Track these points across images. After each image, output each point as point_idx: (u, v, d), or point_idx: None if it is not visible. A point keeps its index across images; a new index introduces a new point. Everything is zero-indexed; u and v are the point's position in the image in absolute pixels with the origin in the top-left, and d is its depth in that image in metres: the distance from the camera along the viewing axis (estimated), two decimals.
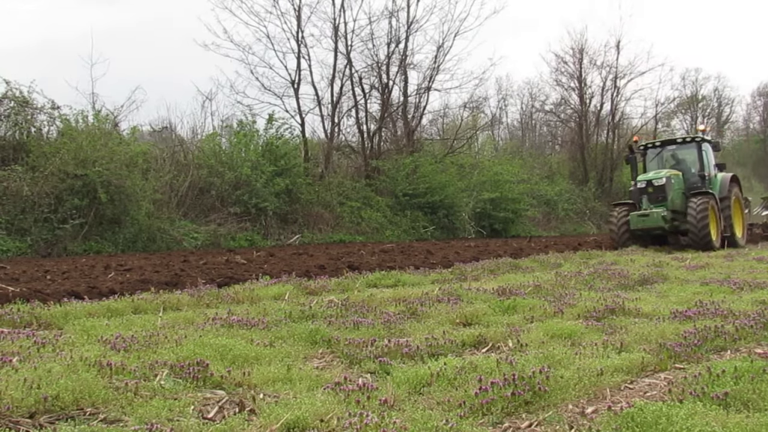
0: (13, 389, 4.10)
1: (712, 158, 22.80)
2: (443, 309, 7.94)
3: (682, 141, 22.63)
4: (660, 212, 20.21)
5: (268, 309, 8.08)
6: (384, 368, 5.17)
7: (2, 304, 8.73)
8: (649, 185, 21.05)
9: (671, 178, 20.96)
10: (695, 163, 22.18)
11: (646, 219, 20.41)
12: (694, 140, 22.30)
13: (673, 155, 22.85)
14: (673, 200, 20.84)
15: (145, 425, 3.59)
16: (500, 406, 4.05)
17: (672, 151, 22.90)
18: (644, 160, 23.23)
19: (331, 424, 3.69)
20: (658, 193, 20.82)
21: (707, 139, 22.55)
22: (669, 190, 20.79)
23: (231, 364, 5.10)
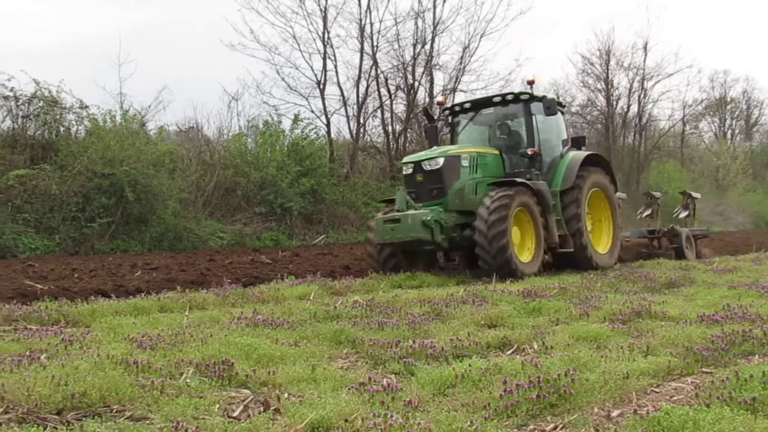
0: (41, 386, 4.14)
1: (561, 127, 15.59)
2: (468, 310, 7.93)
3: (501, 100, 14.81)
4: (424, 215, 12.62)
5: (293, 309, 8.11)
6: (408, 369, 5.17)
7: (31, 301, 8.83)
8: (417, 171, 13.56)
9: (459, 159, 13.52)
10: None
11: (396, 227, 12.82)
12: (518, 99, 14.61)
13: (500, 125, 15.15)
14: (465, 195, 13.37)
15: (170, 423, 3.60)
16: (525, 409, 4.03)
17: (492, 117, 15.33)
18: (452, 132, 16.03)
19: (355, 424, 3.69)
20: (432, 183, 13.33)
21: (537, 97, 14.73)
22: (452, 178, 13.33)
23: (256, 364, 5.12)
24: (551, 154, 14.99)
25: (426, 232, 12.61)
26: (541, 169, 14.66)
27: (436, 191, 13.31)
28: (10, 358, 5.01)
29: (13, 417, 3.83)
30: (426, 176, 13.43)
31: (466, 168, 13.58)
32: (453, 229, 13.09)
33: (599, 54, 49.52)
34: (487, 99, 15.17)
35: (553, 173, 14.69)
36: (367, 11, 33.53)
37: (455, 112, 15.64)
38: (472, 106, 15.41)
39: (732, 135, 67.84)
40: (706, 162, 61.02)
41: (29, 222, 19.77)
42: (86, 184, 21.11)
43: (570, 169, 14.56)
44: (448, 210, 13.11)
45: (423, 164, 13.50)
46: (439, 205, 13.13)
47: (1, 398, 4.10)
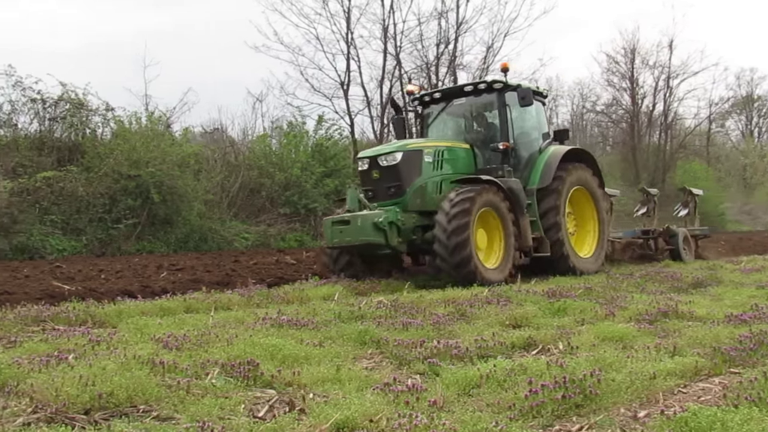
0: (69, 386, 4.18)
1: (541, 119, 14.39)
2: (492, 310, 7.91)
3: (473, 90, 13.50)
4: (375, 217, 11.47)
5: (317, 309, 8.13)
6: (433, 369, 5.16)
7: (58, 302, 8.91)
8: (373, 167, 12.31)
9: (420, 154, 12.25)
10: None
11: (345, 229, 11.69)
12: (491, 88, 13.28)
13: (473, 117, 14.19)
14: (427, 194, 12.13)
15: (196, 423, 3.62)
16: (550, 409, 4.01)
17: (465, 108, 14.06)
18: (423, 124, 14.53)
19: (380, 424, 3.69)
20: (389, 180, 12.09)
21: (511, 85, 13.31)
22: (412, 174, 12.11)
23: (281, 364, 5.13)
24: (529, 148, 13.77)
25: (378, 235, 11.48)
26: (517, 165, 13.40)
27: (393, 189, 12.07)
28: (39, 359, 5.06)
29: (42, 417, 3.87)
30: (382, 173, 12.19)
31: (429, 164, 12.34)
32: (413, 231, 11.96)
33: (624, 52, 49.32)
34: (458, 88, 13.88)
35: (530, 170, 13.47)
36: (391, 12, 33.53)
37: (425, 102, 14.27)
38: (442, 96, 14.08)
39: (759, 133, 67.18)
40: (733, 161, 60.57)
41: (57, 224, 19.94)
42: (112, 186, 21.26)
43: (548, 165, 13.31)
44: (407, 210, 11.93)
45: (379, 160, 12.23)
46: (397, 204, 11.95)
47: (30, 398, 4.15)
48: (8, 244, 18.17)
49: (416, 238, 11.96)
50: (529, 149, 13.74)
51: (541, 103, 14.43)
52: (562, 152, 13.48)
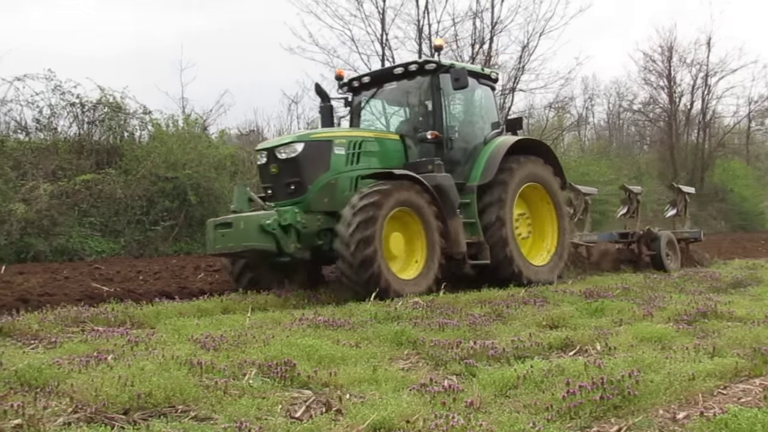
0: (109, 386, 4.23)
1: (489, 105, 12.85)
2: (529, 311, 7.88)
3: (404, 72, 11.89)
4: (263, 218, 9.85)
5: (353, 310, 8.14)
6: (470, 370, 5.15)
7: (98, 303, 9.01)
8: (271, 161, 10.68)
9: (329, 145, 10.71)
10: None
11: (227, 233, 10.07)
12: (423, 70, 11.73)
13: (408, 102, 12.60)
14: (337, 192, 10.52)
15: (234, 423, 3.64)
16: (588, 410, 3.98)
17: (397, 93, 12.48)
18: (353, 113, 12.87)
19: (417, 425, 3.69)
20: (288, 176, 10.47)
21: (445, 64, 11.72)
22: (316, 169, 10.50)
23: (317, 364, 5.15)
24: (472, 139, 12.23)
25: (266, 240, 9.77)
26: (456, 158, 11.81)
27: (293, 187, 10.40)
28: (79, 359, 5.12)
29: (81, 416, 3.92)
30: (281, 167, 10.51)
31: (341, 156, 10.73)
32: (318, 235, 10.26)
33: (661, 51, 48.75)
34: (388, 71, 12.25)
35: (472, 164, 11.86)
36: (425, 12, 33.45)
37: (354, 88, 12.64)
38: (372, 80, 12.41)
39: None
40: None
41: (95, 225, 20.14)
42: (150, 188, 21.44)
43: (492, 158, 11.71)
44: (310, 211, 10.28)
45: (277, 152, 10.54)
46: (298, 204, 10.28)
47: (70, 398, 4.20)
48: (48, 246, 18.38)
49: (323, 243, 10.22)
50: (471, 140, 12.23)
51: (489, 87, 12.81)
52: (509, 143, 11.99)
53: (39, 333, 6.90)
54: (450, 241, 10.68)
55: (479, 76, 12.47)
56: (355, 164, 10.88)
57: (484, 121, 12.65)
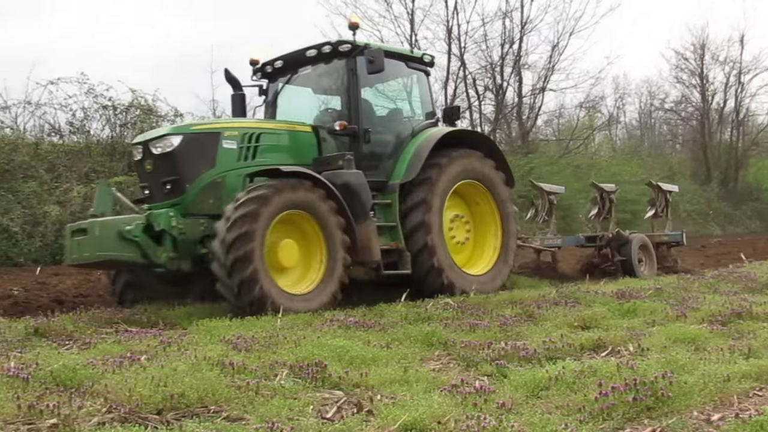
0: (142, 386, 4.27)
1: (421, 93, 11.50)
2: (560, 312, 7.84)
3: (317, 54, 10.45)
4: (122, 224, 8.49)
5: (384, 311, 8.16)
6: (501, 371, 5.13)
7: (131, 304, 9.09)
8: (147, 156, 9.27)
9: (216, 138, 9.28)
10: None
11: (82, 241, 8.57)
12: (337, 52, 10.30)
13: (324, 89, 11.36)
14: (225, 192, 9.07)
15: (266, 424, 3.66)
16: (621, 412, 3.95)
17: (311, 78, 11.06)
18: (269, 102, 11.31)
19: (448, 426, 3.68)
20: (164, 173, 9.08)
21: (358, 45, 10.24)
22: (197, 166, 9.08)
23: (348, 365, 5.15)
24: (398, 132, 10.85)
25: (127, 249, 8.35)
26: (377, 152, 10.45)
27: (169, 186, 8.98)
28: (113, 360, 5.17)
29: (116, 416, 3.95)
30: (156, 164, 9.11)
31: (232, 151, 9.28)
32: (202, 242, 8.72)
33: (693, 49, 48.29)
34: (301, 53, 10.62)
35: (396, 159, 10.47)
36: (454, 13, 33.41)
37: (268, 74, 11.17)
38: (285, 64, 10.88)
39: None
40: None
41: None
42: None
43: (418, 152, 10.31)
44: (191, 214, 8.85)
45: (151, 146, 9.11)
46: (176, 206, 8.83)
47: (104, 398, 4.24)
48: None
49: (208, 252, 8.55)
50: (397, 132, 10.84)
51: (422, 72, 11.39)
52: (439, 135, 10.58)
53: (73, 334, 6.98)
54: (359, 248, 9.18)
55: (408, 59, 11.19)
56: (250, 160, 9.41)
57: (415, 111, 11.40)
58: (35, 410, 3.87)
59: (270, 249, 8.46)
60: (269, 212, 8.30)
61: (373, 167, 10.17)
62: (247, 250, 7.99)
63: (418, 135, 10.70)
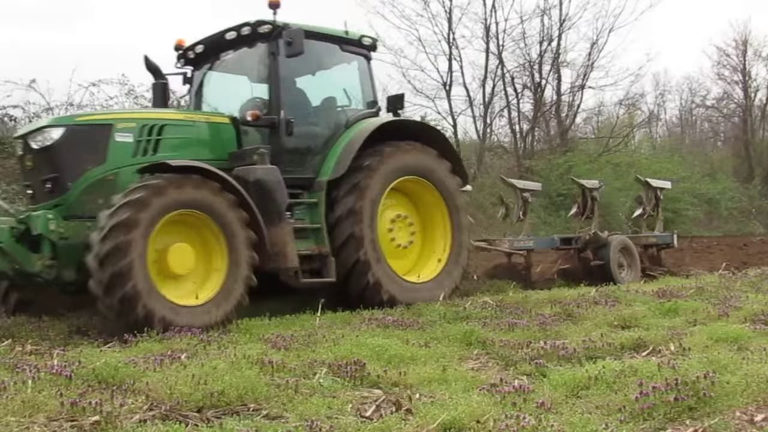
0: (183, 384, 4.31)
1: (359, 80, 10.06)
2: (600, 311, 7.78)
3: (237, 37, 9.32)
4: None
5: (422, 310, 8.15)
6: (540, 370, 5.11)
7: None
8: (27, 151, 8.29)
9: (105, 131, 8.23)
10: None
11: None
12: (258, 34, 9.15)
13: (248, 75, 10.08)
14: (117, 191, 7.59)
15: (305, 422, 3.68)
16: (662, 412, 3.92)
17: (233, 62, 9.94)
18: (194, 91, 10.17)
19: (487, 425, 3.67)
20: (43, 170, 8.09)
21: (278, 26, 9.04)
22: (82, 162, 8.02)
23: (387, 364, 5.16)
24: (329, 122, 9.65)
25: None
26: (302, 146, 9.21)
27: (50, 184, 7.99)
28: (153, 358, 5.23)
29: (157, 414, 4.00)
30: (35, 160, 8.15)
31: (127, 145, 8.19)
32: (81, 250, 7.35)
33: (735, 44, 47.56)
34: (220, 36, 9.45)
35: (326, 154, 9.23)
36: (492, 11, 33.26)
37: (191, 60, 9.98)
38: (207, 49, 9.75)
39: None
40: None
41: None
42: None
43: (349, 147, 9.06)
44: (76, 216, 7.82)
45: (30, 140, 8.14)
46: (58, 207, 7.83)
47: (145, 396, 4.29)
48: None
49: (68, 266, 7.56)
50: (329, 124, 9.62)
51: (361, 57, 10.03)
52: (372, 126, 9.26)
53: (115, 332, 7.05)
54: (272, 254, 8.08)
55: (342, 42, 9.79)
56: (150, 155, 8.25)
57: (352, 100, 9.99)
58: (78, 407, 3.92)
59: (159, 256, 7.41)
60: (149, 217, 7.16)
61: (298, 162, 9.10)
62: (124, 264, 6.90)
63: (352, 127, 9.44)
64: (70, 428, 3.80)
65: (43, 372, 4.76)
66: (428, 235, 9.86)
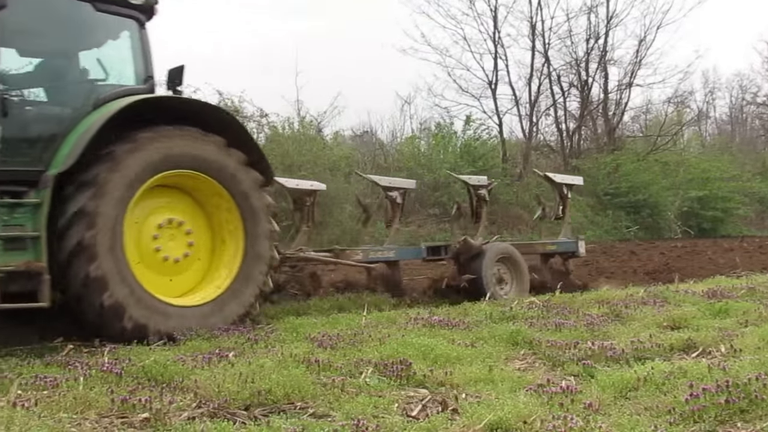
0: (230, 382, 4.36)
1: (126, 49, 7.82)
2: (648, 311, 7.68)
3: None
4: None
5: (468, 310, 8.14)
6: (587, 371, 5.07)
7: None
8: None
9: None
10: None
11: None
12: None
13: None
14: None
15: (351, 421, 3.69)
16: (713, 414, 3.86)
17: None
18: None
19: (534, 426, 3.65)
20: None
21: None
22: None
23: (433, 364, 5.17)
24: (72, 102, 7.36)
25: None
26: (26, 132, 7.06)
27: None
28: (201, 356, 5.29)
29: (205, 411, 4.05)
30: None
31: None
32: None
33: None
34: None
35: (60, 142, 6.99)
36: (538, 9, 33.11)
37: None
38: None
39: None
40: None
41: None
42: None
43: (87, 131, 6.87)
44: None
45: None
46: None
47: (194, 393, 4.35)
48: None
49: None
50: (71, 103, 7.38)
51: (132, 20, 7.77)
52: (119, 106, 7.06)
53: None
54: None
55: None
56: None
57: (110, 74, 7.88)
58: (128, 404, 3.99)
59: None
60: None
61: (21, 152, 6.93)
62: None
63: (102, 107, 7.21)
64: (120, 425, 3.86)
65: (94, 369, 4.85)
66: (217, 246, 7.73)
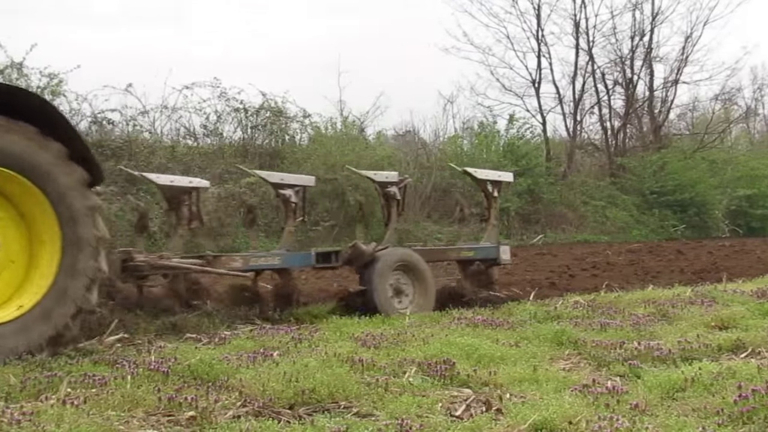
0: (275, 381, 4.38)
1: None
2: (696, 311, 7.58)
3: None
4: None
5: (512, 309, 8.09)
6: (634, 371, 5.02)
7: None
8: None
9: None
10: None
11: None
12: None
13: None
14: None
15: (395, 420, 3.69)
16: (763, 416, 3.79)
17: None
18: None
19: (579, 426, 3.63)
20: None
21: None
22: None
23: (477, 364, 5.15)
24: None
25: None
26: None
27: None
28: (246, 355, 5.32)
29: (250, 410, 4.07)
30: None
31: None
32: None
33: None
34: None
35: None
36: (582, 6, 32.94)
37: None
38: None
39: None
40: None
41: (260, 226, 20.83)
42: None
43: None
44: None
45: None
46: None
47: (239, 392, 4.37)
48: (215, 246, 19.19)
49: None
50: None
51: None
52: None
53: (209, 330, 7.20)
54: None
55: None
56: None
57: None
58: (174, 402, 4.03)
59: None
60: None
61: None
62: None
63: None
64: (167, 423, 3.90)
65: (141, 368, 4.90)
66: (35, 255, 6.03)
